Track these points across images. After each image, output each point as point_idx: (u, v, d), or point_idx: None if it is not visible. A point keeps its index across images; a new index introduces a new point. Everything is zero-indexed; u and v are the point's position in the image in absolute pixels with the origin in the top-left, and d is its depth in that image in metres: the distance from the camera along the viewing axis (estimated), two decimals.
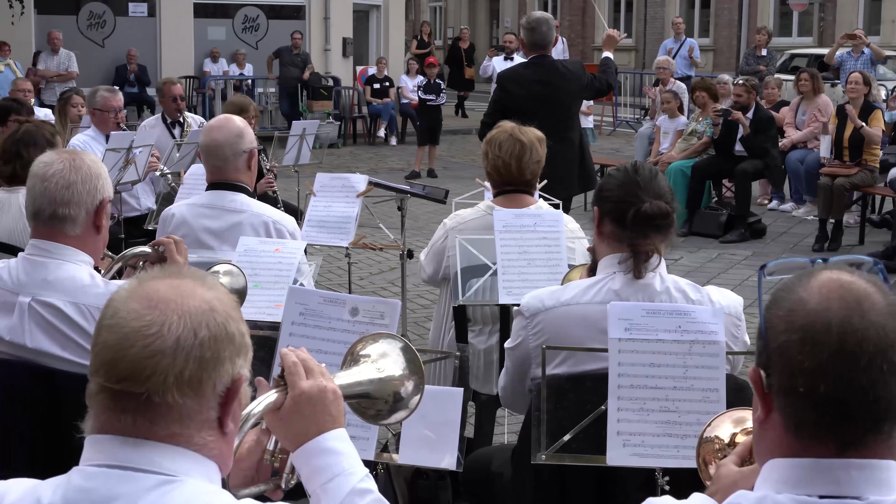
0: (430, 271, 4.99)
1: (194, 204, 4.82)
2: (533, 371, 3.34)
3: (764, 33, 17.38)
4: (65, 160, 3.36)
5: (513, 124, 4.89)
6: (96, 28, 20.48)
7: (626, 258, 3.26)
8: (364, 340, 2.39)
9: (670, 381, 2.86)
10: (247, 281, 3.85)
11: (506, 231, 4.48)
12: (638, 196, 3.25)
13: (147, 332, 1.77)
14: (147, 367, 1.76)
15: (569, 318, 3.26)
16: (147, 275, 1.90)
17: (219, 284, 1.92)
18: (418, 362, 2.36)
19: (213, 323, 1.82)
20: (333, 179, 6.00)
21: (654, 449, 2.85)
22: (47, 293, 3.28)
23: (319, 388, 2.11)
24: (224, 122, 4.76)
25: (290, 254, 4.41)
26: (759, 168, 11.44)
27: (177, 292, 1.83)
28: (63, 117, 9.26)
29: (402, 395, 2.35)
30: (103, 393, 1.81)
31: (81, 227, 3.35)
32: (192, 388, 1.79)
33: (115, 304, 1.83)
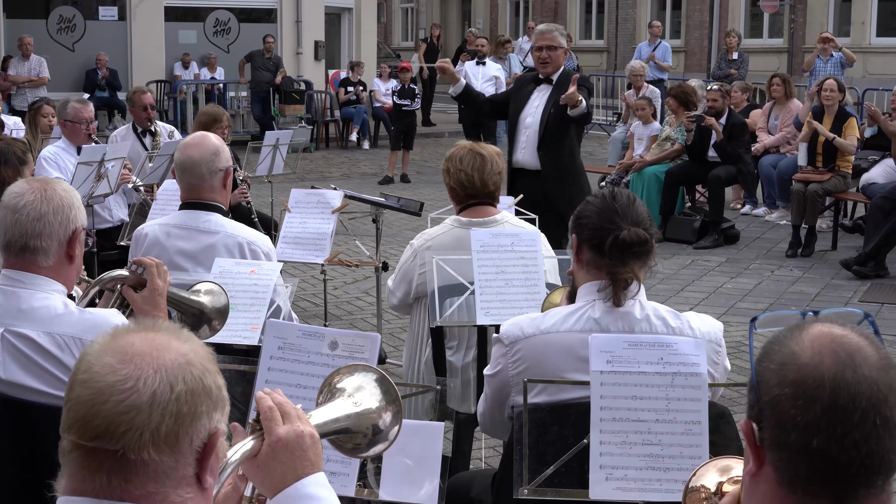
0: (400, 294, 4.95)
1: (167, 224, 4.77)
2: (512, 398, 3.32)
3: (734, 36, 17.43)
4: (36, 190, 3.30)
5: (470, 142, 4.96)
6: (66, 32, 20.31)
7: (606, 286, 3.23)
8: (340, 372, 2.36)
9: (653, 414, 2.84)
10: (228, 299, 3.82)
11: (483, 251, 4.46)
12: (616, 223, 3.23)
13: (122, 387, 1.73)
14: (122, 423, 1.72)
15: (548, 346, 3.24)
16: (121, 328, 1.86)
17: (194, 337, 1.89)
18: (395, 392, 2.34)
19: (189, 377, 1.78)
20: (308, 195, 5.95)
21: (637, 483, 2.83)
22: (20, 323, 3.22)
23: (297, 434, 2.07)
24: (200, 140, 4.71)
25: (266, 275, 4.38)
26: (732, 174, 11.48)
27: (152, 345, 1.80)
28: (34, 128, 9.19)
29: (381, 427, 2.33)
30: (76, 451, 1.76)
31: (54, 257, 3.30)
32: (168, 445, 1.75)
33: (88, 359, 1.79)
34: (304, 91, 20.00)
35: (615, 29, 30.10)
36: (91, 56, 19.71)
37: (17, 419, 3.22)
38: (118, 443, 1.72)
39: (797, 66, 24.28)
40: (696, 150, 11.54)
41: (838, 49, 15.08)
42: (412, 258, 4.84)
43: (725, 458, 2.37)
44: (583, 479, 2.90)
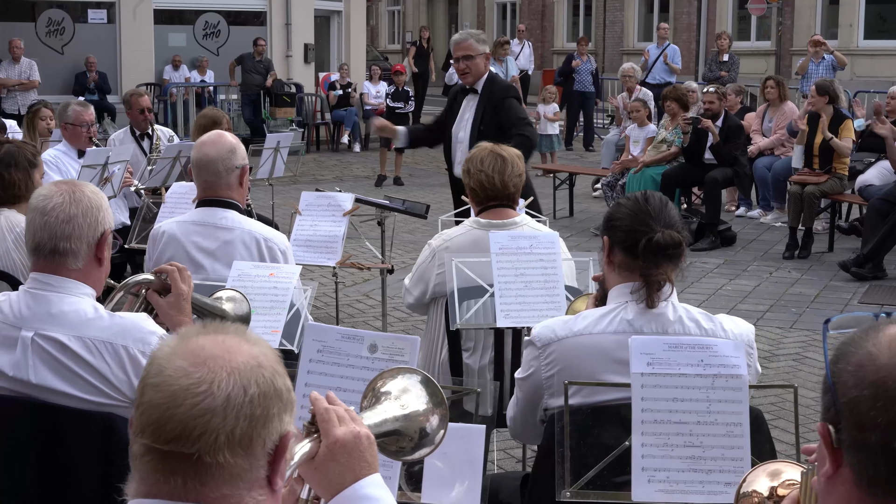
0: (416, 294, 4.94)
1: (184, 221, 4.76)
2: (546, 401, 3.31)
3: (725, 38, 17.46)
4: (64, 192, 3.28)
5: (491, 143, 4.94)
6: (55, 35, 20.22)
7: (639, 288, 3.23)
8: (383, 377, 2.35)
9: (694, 416, 2.84)
10: (250, 307, 3.81)
11: (502, 253, 4.45)
12: (649, 225, 3.24)
13: (196, 391, 1.72)
14: (197, 426, 1.71)
15: (582, 348, 3.23)
16: (189, 330, 1.85)
17: (262, 339, 1.88)
18: (441, 395, 2.33)
19: (261, 379, 1.78)
20: (319, 198, 5.94)
21: (679, 485, 2.83)
22: (51, 327, 3.20)
23: (354, 435, 2.07)
24: (216, 138, 4.70)
25: (286, 278, 4.36)
26: (728, 176, 11.49)
27: (223, 348, 1.79)
28: (32, 131, 9.13)
29: (428, 430, 2.32)
30: (150, 454, 1.75)
31: (83, 260, 3.28)
32: (242, 447, 1.74)
33: (159, 362, 1.78)
34: (295, 94, 19.96)
35: (602, 31, 30.14)
36: (80, 59, 19.62)
37: (45, 424, 3.20)
38: (193, 446, 1.71)
39: (785, 68, 24.36)
40: (692, 152, 11.55)
41: (830, 52, 15.13)
42: (430, 258, 4.83)
43: (773, 462, 2.37)
44: (624, 481, 2.90)
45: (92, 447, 3.18)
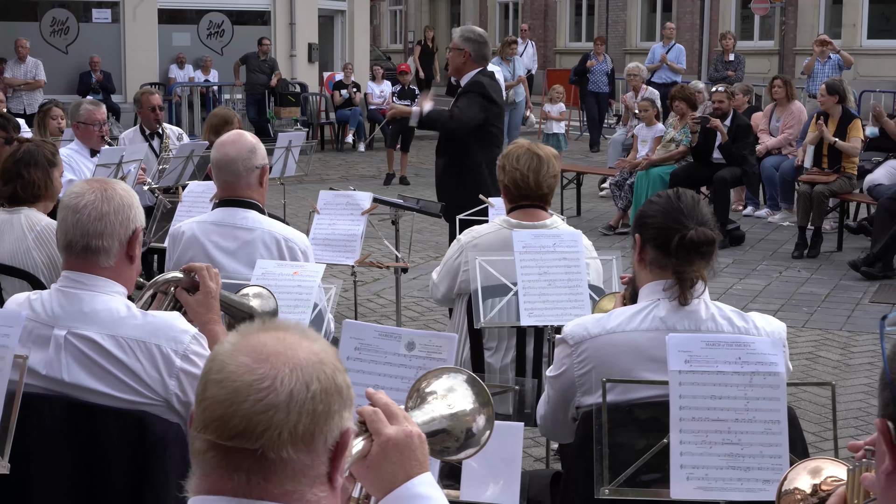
0: (443, 289, 4.95)
1: (205, 221, 4.75)
2: (578, 399, 3.32)
3: (729, 38, 17.46)
4: (96, 190, 3.28)
5: (528, 141, 4.93)
6: (59, 34, 20.24)
7: (672, 285, 3.24)
8: (427, 377, 2.35)
9: (732, 414, 2.85)
10: (277, 303, 3.81)
11: (525, 252, 4.45)
12: (682, 223, 3.24)
13: (259, 387, 1.72)
14: (261, 422, 1.71)
15: (615, 346, 3.24)
16: (249, 327, 1.85)
17: (320, 336, 1.87)
18: (487, 395, 2.33)
19: (323, 375, 1.77)
20: (337, 197, 5.94)
21: (718, 482, 2.83)
22: (83, 326, 3.20)
23: (406, 433, 2.07)
24: (237, 138, 4.70)
25: (310, 277, 4.36)
26: (737, 175, 11.49)
27: (284, 345, 1.79)
28: (43, 130, 9.12)
29: (474, 430, 2.32)
30: (213, 450, 1.74)
31: (115, 258, 3.27)
32: (305, 443, 1.74)
33: (220, 358, 1.78)
34: (300, 93, 19.96)
35: (605, 31, 30.09)
36: (84, 59, 19.62)
37: (80, 421, 3.19)
38: (257, 442, 1.71)
39: (788, 67, 24.36)
40: (700, 151, 11.55)
41: (836, 51, 15.13)
42: (458, 254, 4.83)
43: (814, 459, 2.38)
44: (662, 478, 2.90)
45: (126, 445, 3.18)
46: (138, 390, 3.17)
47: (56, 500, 3.20)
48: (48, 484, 3.20)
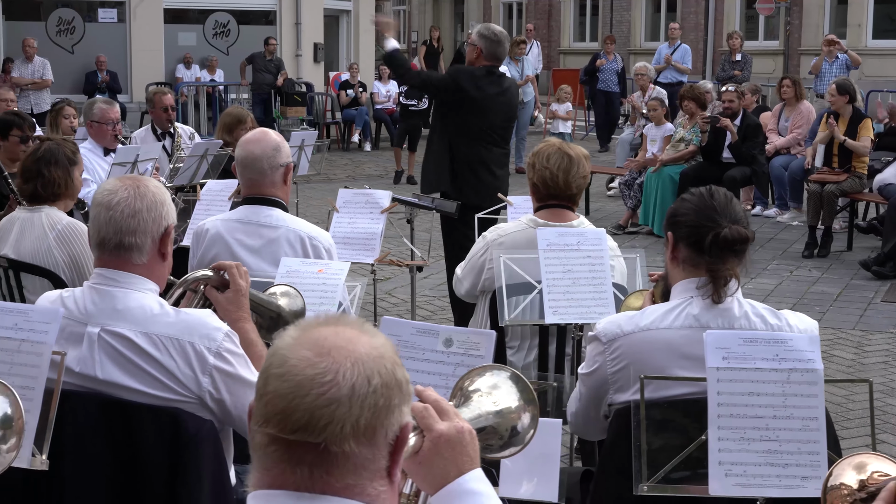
0: (467, 285, 4.96)
1: (229, 219, 4.75)
2: (610, 397, 3.32)
3: (736, 38, 17.45)
4: (129, 187, 3.28)
5: (559, 140, 4.93)
6: (65, 34, 20.26)
7: (705, 283, 3.24)
8: (470, 375, 2.35)
9: (770, 410, 2.85)
10: (304, 302, 3.81)
11: (550, 250, 4.45)
12: (715, 220, 3.24)
13: (322, 380, 1.72)
14: (323, 416, 1.71)
15: (649, 343, 3.24)
16: (308, 321, 1.85)
17: (378, 331, 1.88)
18: (531, 392, 2.33)
19: (383, 370, 1.78)
20: (356, 195, 5.94)
21: (756, 478, 2.83)
22: (117, 323, 3.20)
23: (457, 429, 2.07)
24: (261, 136, 4.70)
25: (335, 275, 4.36)
26: (747, 175, 11.50)
27: (344, 339, 1.79)
28: (55, 129, 9.12)
29: (519, 429, 2.32)
30: (275, 444, 1.74)
31: (147, 255, 3.28)
32: (367, 438, 1.75)
33: (282, 352, 1.78)
34: (306, 93, 19.97)
35: (609, 31, 30.10)
36: (90, 58, 19.65)
37: (114, 418, 3.19)
38: (320, 435, 1.71)
39: (793, 67, 24.36)
40: (710, 151, 11.56)
41: (843, 51, 15.13)
42: (483, 251, 4.83)
43: (857, 455, 2.38)
44: (700, 475, 2.90)
45: (159, 442, 3.18)
46: (171, 387, 3.17)
47: (90, 497, 3.20)
48: (83, 481, 3.21)
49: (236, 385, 3.21)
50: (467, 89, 7.29)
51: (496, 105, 7.40)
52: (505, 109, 7.50)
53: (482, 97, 7.31)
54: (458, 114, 7.30)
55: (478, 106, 7.31)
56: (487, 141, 7.36)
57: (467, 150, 7.33)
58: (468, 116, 7.29)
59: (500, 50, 7.54)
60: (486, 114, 7.34)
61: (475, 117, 7.33)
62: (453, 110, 7.34)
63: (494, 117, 7.38)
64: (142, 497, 3.21)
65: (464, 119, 7.30)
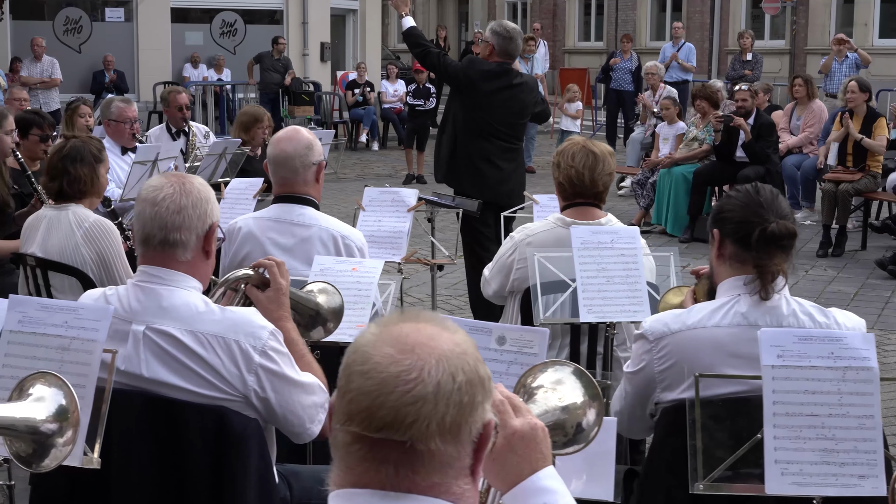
0: (495, 286, 4.94)
1: (261, 217, 4.74)
2: (657, 395, 3.30)
3: (747, 37, 17.41)
4: (174, 184, 3.27)
5: (584, 138, 4.91)
6: (73, 33, 20.24)
7: (752, 280, 3.22)
8: (532, 371, 2.34)
9: (826, 409, 2.83)
10: (343, 300, 3.79)
11: (584, 248, 4.44)
12: (762, 216, 3.22)
13: (406, 378, 1.71)
14: (409, 413, 1.69)
15: (697, 341, 3.22)
16: (388, 318, 1.83)
17: (459, 327, 1.86)
18: (595, 387, 2.31)
19: (467, 366, 1.76)
20: (382, 194, 5.93)
21: (813, 477, 2.82)
22: (162, 321, 3.18)
23: (531, 426, 2.05)
24: (293, 134, 4.69)
25: (369, 273, 4.34)
26: (761, 174, 11.45)
27: (426, 335, 1.77)
28: (70, 127, 9.09)
29: (584, 426, 2.31)
30: (359, 443, 1.73)
31: (192, 252, 3.26)
32: (452, 435, 1.73)
33: (364, 349, 1.76)
34: (314, 92, 19.95)
35: (615, 31, 30.08)
36: (98, 57, 19.63)
37: (159, 417, 3.18)
38: (406, 433, 1.69)
39: (799, 67, 24.33)
40: (723, 150, 11.54)
41: (853, 50, 15.10)
42: (511, 251, 4.80)
43: None
44: (753, 473, 2.89)
45: (205, 440, 3.17)
46: (217, 385, 3.15)
47: (136, 495, 3.18)
48: (127, 479, 3.19)
49: (281, 384, 3.19)
50: (476, 81, 7.31)
51: (503, 100, 7.39)
52: (512, 105, 7.47)
53: (489, 91, 7.31)
54: (466, 105, 7.32)
55: (485, 99, 7.32)
56: (492, 135, 7.36)
57: (470, 142, 7.36)
58: (474, 109, 7.30)
59: (513, 46, 7.54)
60: (492, 108, 7.35)
61: (481, 111, 7.34)
62: (463, 101, 7.37)
63: (501, 112, 7.38)
64: (187, 496, 3.20)
65: (469, 111, 7.32)
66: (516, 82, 7.44)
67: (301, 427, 3.27)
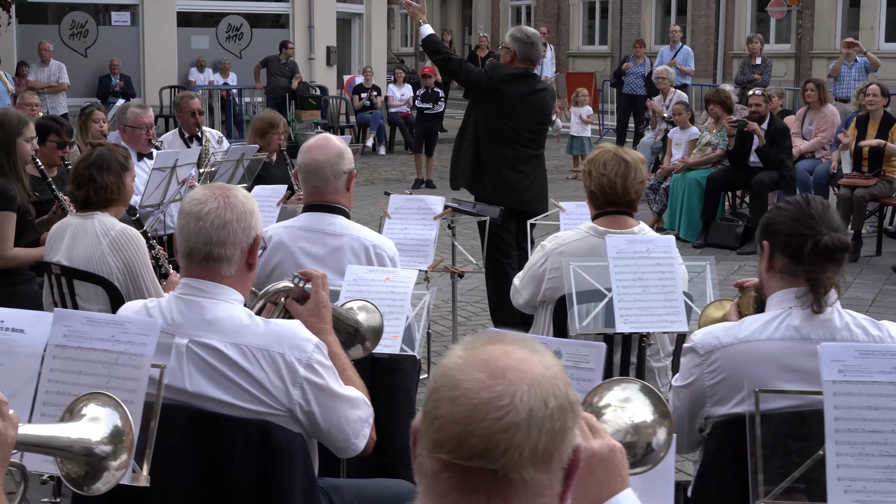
0: (526, 295, 4.89)
1: (292, 226, 4.68)
2: (708, 410, 3.25)
3: (756, 42, 17.36)
4: (218, 197, 3.21)
5: (615, 146, 4.87)
6: (79, 37, 20.21)
7: (805, 293, 3.18)
8: (598, 390, 2.29)
9: (889, 425, 2.78)
10: (382, 318, 3.74)
11: (619, 258, 4.39)
12: (814, 228, 3.18)
13: (498, 404, 1.65)
14: (502, 441, 1.64)
15: (749, 355, 3.17)
16: (472, 340, 1.78)
17: (545, 349, 1.80)
18: (664, 405, 2.26)
19: (558, 391, 1.70)
20: (409, 201, 5.88)
21: (876, 495, 2.76)
22: (206, 334, 3.13)
23: (610, 447, 2.00)
24: (324, 142, 4.63)
25: (403, 283, 4.30)
26: (775, 179, 11.42)
27: (516, 359, 1.71)
28: (84, 133, 9.05)
29: (654, 446, 2.25)
30: (449, 470, 1.67)
31: (236, 266, 3.21)
32: (544, 463, 1.67)
33: (453, 374, 1.70)
34: (321, 97, 19.91)
35: (619, 34, 30.08)
36: (104, 62, 19.60)
37: (203, 431, 3.13)
38: (498, 461, 1.64)
39: (805, 71, 24.31)
40: (737, 155, 11.49)
41: (863, 54, 15.06)
42: (543, 260, 4.75)
43: None
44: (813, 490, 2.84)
45: (249, 455, 3.12)
46: (262, 399, 3.10)
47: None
48: (170, 495, 3.14)
49: (326, 397, 3.15)
50: (501, 87, 7.30)
51: (528, 106, 7.41)
52: (537, 110, 7.50)
53: (515, 96, 7.31)
54: (489, 111, 7.31)
55: (511, 106, 7.30)
56: (515, 141, 7.37)
57: (493, 149, 7.36)
58: (500, 115, 7.30)
59: (534, 52, 7.55)
60: (517, 114, 7.35)
61: (506, 116, 7.33)
62: (485, 107, 7.35)
63: (527, 119, 7.40)
64: None
65: (494, 117, 7.31)
66: (539, 87, 7.44)
67: (346, 442, 3.22)
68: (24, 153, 6.11)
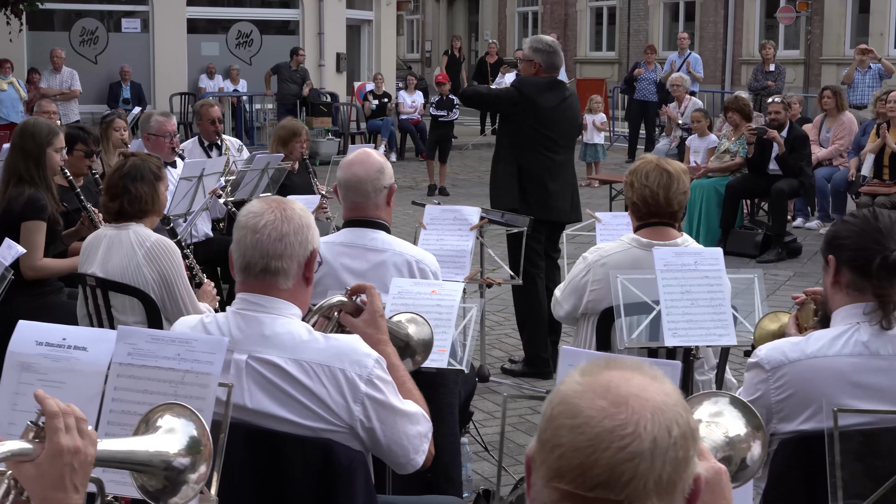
0: (567, 307, 4.84)
1: (333, 242, 4.63)
2: (774, 426, 3.20)
3: (769, 48, 17.32)
4: (275, 210, 3.17)
5: (656, 156, 4.82)
6: (89, 44, 20.17)
7: (873, 308, 3.13)
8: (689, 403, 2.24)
9: None
10: (433, 331, 3.69)
11: (667, 270, 4.35)
12: (882, 243, 3.13)
13: (622, 433, 1.60)
14: (626, 471, 1.59)
15: (816, 371, 3.13)
16: (590, 366, 1.73)
17: (662, 374, 1.75)
18: (757, 418, 2.20)
19: (681, 419, 1.66)
20: (444, 212, 5.83)
21: None
22: (265, 350, 3.09)
23: (715, 471, 1.95)
24: (365, 157, 4.58)
25: (449, 296, 4.25)
26: (794, 187, 11.38)
27: (637, 386, 1.66)
28: (105, 142, 9.01)
29: (748, 461, 2.20)
30: (570, 501, 1.62)
31: (293, 279, 3.17)
32: (668, 493, 1.63)
33: (573, 401, 1.65)
34: (331, 103, 19.88)
35: (627, 41, 30.04)
36: (114, 68, 19.56)
37: (262, 449, 3.08)
38: (622, 492, 1.59)
39: (814, 77, 24.27)
40: (756, 162, 11.44)
41: (877, 60, 15.02)
42: (585, 272, 4.71)
43: None
44: None
45: (309, 474, 3.07)
46: (323, 416, 3.06)
47: None
48: None
49: (387, 413, 3.10)
50: (535, 99, 7.29)
51: (563, 112, 7.43)
52: (569, 116, 7.54)
53: (550, 105, 7.31)
54: (525, 123, 7.30)
55: (547, 114, 7.29)
56: (551, 150, 7.38)
57: (535, 161, 7.34)
58: (537, 126, 7.29)
59: (558, 59, 7.56)
60: (554, 122, 7.36)
61: (543, 127, 7.33)
62: (522, 122, 7.34)
63: (562, 125, 7.43)
64: None
65: (531, 130, 7.30)
66: (568, 94, 7.45)
67: (405, 458, 3.17)
68: (53, 163, 6.07)
